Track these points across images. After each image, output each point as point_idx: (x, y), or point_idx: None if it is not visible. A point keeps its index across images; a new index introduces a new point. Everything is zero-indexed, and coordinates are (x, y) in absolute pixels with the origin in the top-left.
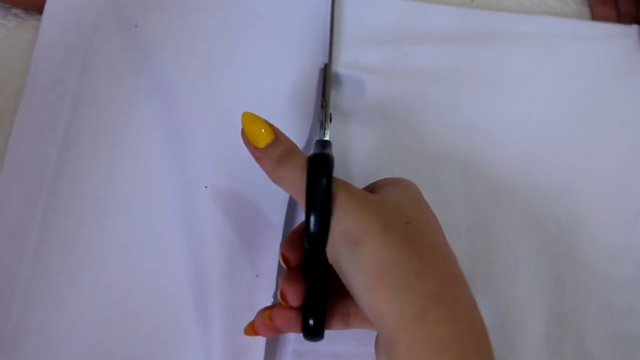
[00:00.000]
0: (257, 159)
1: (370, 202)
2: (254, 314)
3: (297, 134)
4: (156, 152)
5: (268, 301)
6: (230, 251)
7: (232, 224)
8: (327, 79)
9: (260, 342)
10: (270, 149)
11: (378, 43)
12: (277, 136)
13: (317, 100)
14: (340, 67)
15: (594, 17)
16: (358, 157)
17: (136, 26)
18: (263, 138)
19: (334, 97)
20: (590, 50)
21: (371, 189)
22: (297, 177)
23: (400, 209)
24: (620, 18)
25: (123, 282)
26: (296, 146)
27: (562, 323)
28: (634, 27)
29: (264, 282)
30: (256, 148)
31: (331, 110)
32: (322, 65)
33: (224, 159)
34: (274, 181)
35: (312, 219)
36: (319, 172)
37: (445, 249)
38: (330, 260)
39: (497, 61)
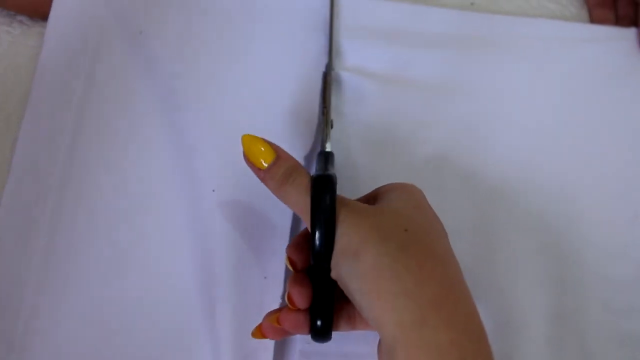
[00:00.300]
0: (261, 180)
1: (370, 215)
2: (262, 315)
3: (302, 139)
4: (162, 156)
5: (276, 302)
6: (237, 253)
7: (239, 226)
8: (327, 86)
9: (269, 344)
10: (273, 169)
11: (379, 46)
12: (279, 154)
13: (321, 103)
14: (341, 70)
15: (593, 20)
16: (360, 160)
17: (141, 33)
18: (265, 158)
19: (335, 101)
20: (589, 52)
21: (375, 195)
22: (301, 199)
23: (400, 217)
24: (619, 21)
25: (131, 284)
26: (298, 163)
27: (564, 323)
28: (633, 30)
29: (271, 284)
30: (259, 169)
31: (333, 114)
32: (325, 69)
33: (231, 163)
34: (279, 199)
35: (317, 240)
36: (322, 195)
37: (446, 255)
38: (334, 276)
39: (496, 64)
